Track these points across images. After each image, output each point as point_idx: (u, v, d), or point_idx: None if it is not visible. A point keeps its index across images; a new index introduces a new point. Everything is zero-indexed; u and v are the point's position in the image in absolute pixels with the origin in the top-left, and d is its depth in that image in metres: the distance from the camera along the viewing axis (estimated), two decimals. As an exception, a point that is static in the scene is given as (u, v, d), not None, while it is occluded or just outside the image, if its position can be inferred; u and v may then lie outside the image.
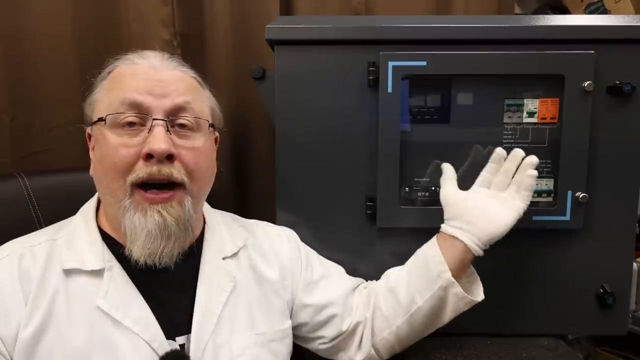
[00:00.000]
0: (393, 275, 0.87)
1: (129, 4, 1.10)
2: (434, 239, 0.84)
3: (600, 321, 0.96)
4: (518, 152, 0.83)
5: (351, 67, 0.91)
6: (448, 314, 0.82)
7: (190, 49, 1.13)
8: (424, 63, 0.89)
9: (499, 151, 0.84)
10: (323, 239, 0.93)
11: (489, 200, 0.81)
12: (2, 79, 1.03)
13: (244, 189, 1.21)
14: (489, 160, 0.84)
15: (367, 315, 0.85)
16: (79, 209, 0.78)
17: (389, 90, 0.89)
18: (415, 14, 1.23)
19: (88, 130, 0.75)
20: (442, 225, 0.83)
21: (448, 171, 0.86)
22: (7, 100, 1.04)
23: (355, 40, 0.91)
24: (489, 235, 0.80)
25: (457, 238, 0.80)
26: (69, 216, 0.78)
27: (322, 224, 0.95)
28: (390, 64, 0.88)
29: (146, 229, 0.66)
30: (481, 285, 0.84)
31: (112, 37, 1.10)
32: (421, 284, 0.81)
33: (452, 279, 0.79)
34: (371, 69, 0.90)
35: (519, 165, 0.82)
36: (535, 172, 0.81)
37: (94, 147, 0.73)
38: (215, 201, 0.87)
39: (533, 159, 0.82)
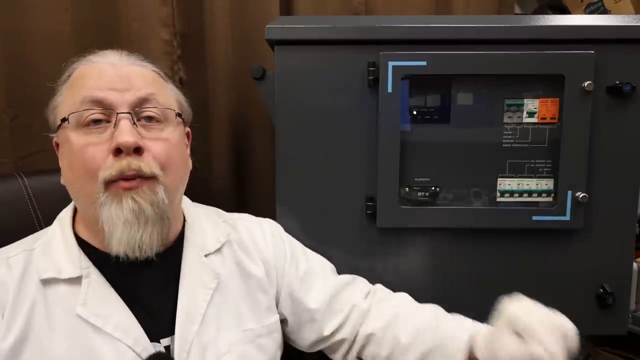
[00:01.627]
0: (407, 336, 0.78)
1: (129, 4, 1.10)
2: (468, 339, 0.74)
3: (600, 321, 0.96)
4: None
5: (351, 67, 0.91)
6: None
7: (190, 49, 1.13)
8: (424, 63, 0.89)
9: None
10: (323, 239, 0.93)
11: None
12: (2, 79, 1.03)
13: (244, 189, 1.21)
14: None
15: (362, 334, 0.81)
16: (78, 209, 0.77)
17: (389, 90, 0.89)
18: (415, 14, 1.23)
19: (55, 138, 0.73)
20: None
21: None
22: (7, 100, 1.03)
23: (355, 40, 0.91)
24: None
25: None
26: (69, 216, 0.78)
27: (322, 224, 0.95)
28: (390, 64, 0.88)
29: (123, 218, 0.65)
30: None
31: (112, 37, 1.10)
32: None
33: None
34: (371, 69, 0.90)
35: None
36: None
37: (62, 154, 0.72)
38: (216, 201, 0.87)
39: None
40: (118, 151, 0.65)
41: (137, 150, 0.66)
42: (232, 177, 1.18)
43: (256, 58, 1.13)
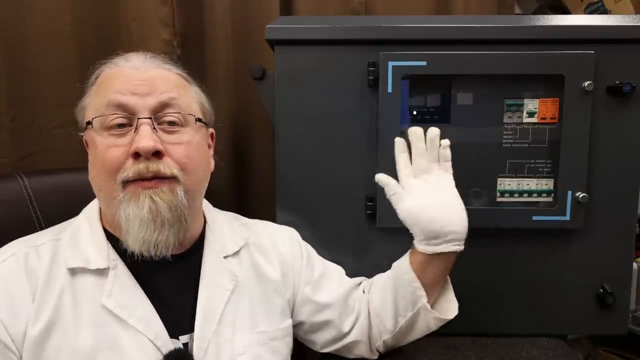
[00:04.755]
0: (376, 296, 0.87)
1: (128, 4, 1.10)
2: (408, 258, 0.82)
3: (600, 321, 0.96)
4: (417, 130, 0.80)
5: (351, 67, 0.91)
6: (420, 331, 0.83)
7: (190, 49, 1.13)
8: (423, 63, 0.89)
9: (399, 140, 0.82)
10: (323, 239, 0.93)
11: (440, 197, 0.78)
12: (2, 79, 1.03)
13: (244, 189, 1.21)
14: (396, 152, 0.81)
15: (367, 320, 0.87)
16: (78, 208, 0.78)
17: (389, 90, 0.89)
18: (415, 14, 1.23)
19: (84, 137, 0.75)
20: (422, 247, 0.79)
21: (390, 184, 0.81)
22: (7, 100, 1.03)
23: (355, 40, 0.91)
24: (465, 230, 0.79)
25: (445, 253, 0.78)
26: (69, 216, 0.78)
27: (322, 224, 0.95)
28: (390, 64, 0.88)
29: (139, 217, 0.66)
30: (453, 294, 0.84)
31: (112, 37, 1.10)
32: (403, 307, 0.82)
33: (429, 307, 0.80)
34: (371, 69, 0.90)
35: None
36: (447, 141, 0.80)
37: (89, 153, 0.73)
38: (215, 201, 0.87)
39: (436, 130, 0.80)
40: (137, 155, 0.66)
41: (157, 154, 0.67)
42: (232, 177, 1.18)
43: (256, 58, 1.13)
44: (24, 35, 1.04)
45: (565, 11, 1.46)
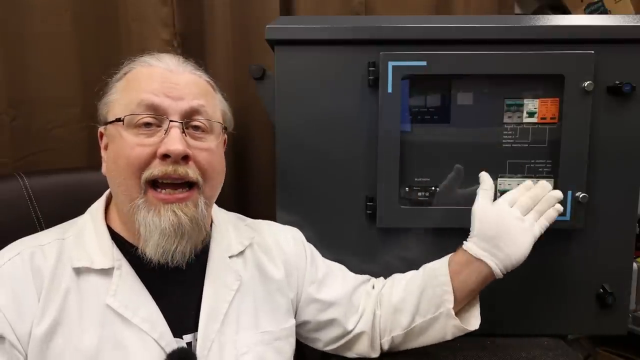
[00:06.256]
0: (398, 291, 0.86)
1: (128, 4, 1.10)
2: (447, 260, 0.83)
3: (600, 321, 0.96)
4: (547, 184, 0.84)
5: (351, 67, 0.91)
6: (433, 337, 0.84)
7: (190, 49, 1.13)
8: (423, 63, 0.89)
9: (529, 182, 0.84)
10: (323, 239, 0.93)
11: (516, 223, 0.80)
12: (2, 79, 1.03)
13: (244, 189, 1.21)
14: (522, 185, 0.84)
15: (375, 317, 0.87)
16: (79, 208, 0.77)
17: (389, 90, 0.89)
18: (415, 13, 1.23)
19: (101, 129, 0.75)
20: (468, 244, 0.81)
21: (486, 183, 0.84)
22: (7, 100, 1.03)
23: (355, 40, 0.91)
24: (512, 263, 0.80)
25: (483, 261, 0.80)
26: (69, 216, 0.78)
27: (322, 224, 0.95)
28: (390, 64, 0.88)
29: (160, 228, 0.67)
30: (479, 311, 0.84)
31: (112, 37, 1.10)
32: (425, 307, 0.82)
33: (453, 313, 0.80)
34: (371, 69, 0.90)
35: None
36: (561, 208, 0.83)
37: (107, 146, 0.74)
38: (216, 201, 0.87)
39: (559, 194, 0.83)
40: (165, 156, 0.67)
41: (185, 158, 0.68)
42: (232, 177, 1.18)
43: (256, 58, 1.13)
44: (23, 35, 1.04)
45: (565, 11, 1.46)
